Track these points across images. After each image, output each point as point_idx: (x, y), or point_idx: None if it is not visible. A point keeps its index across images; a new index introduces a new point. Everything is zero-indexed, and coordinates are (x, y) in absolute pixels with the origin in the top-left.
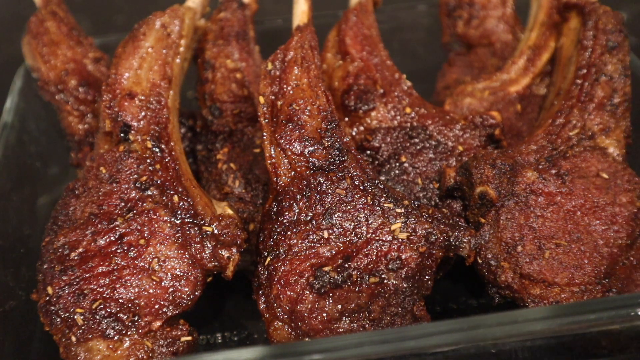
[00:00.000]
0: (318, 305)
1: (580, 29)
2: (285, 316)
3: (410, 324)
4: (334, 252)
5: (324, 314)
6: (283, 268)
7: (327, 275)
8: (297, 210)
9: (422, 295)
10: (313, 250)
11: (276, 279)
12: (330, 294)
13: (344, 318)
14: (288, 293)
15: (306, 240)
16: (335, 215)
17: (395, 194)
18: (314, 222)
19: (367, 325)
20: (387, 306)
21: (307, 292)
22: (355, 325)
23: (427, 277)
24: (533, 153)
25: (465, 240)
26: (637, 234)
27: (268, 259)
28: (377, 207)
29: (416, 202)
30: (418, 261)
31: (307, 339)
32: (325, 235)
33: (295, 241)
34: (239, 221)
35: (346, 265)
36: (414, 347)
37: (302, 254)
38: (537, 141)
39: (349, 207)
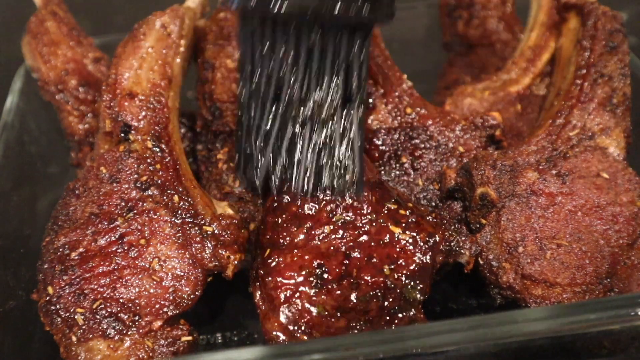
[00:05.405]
0: (315, 300)
1: (579, 29)
2: (281, 308)
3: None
4: (334, 249)
5: (320, 310)
6: (282, 261)
7: (326, 272)
8: (299, 205)
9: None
10: (313, 246)
11: (274, 271)
12: (328, 291)
13: (339, 316)
14: (285, 286)
15: (307, 235)
16: (338, 212)
17: (400, 195)
18: (316, 217)
19: (362, 325)
20: (385, 307)
21: (305, 286)
22: (351, 323)
23: (426, 281)
24: (533, 154)
25: (466, 247)
26: (638, 234)
27: (267, 250)
28: (381, 208)
29: (420, 206)
30: (418, 264)
31: (303, 337)
32: (327, 231)
33: (296, 235)
34: (240, 221)
35: (346, 263)
36: (414, 347)
37: (303, 248)
38: (537, 142)
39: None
